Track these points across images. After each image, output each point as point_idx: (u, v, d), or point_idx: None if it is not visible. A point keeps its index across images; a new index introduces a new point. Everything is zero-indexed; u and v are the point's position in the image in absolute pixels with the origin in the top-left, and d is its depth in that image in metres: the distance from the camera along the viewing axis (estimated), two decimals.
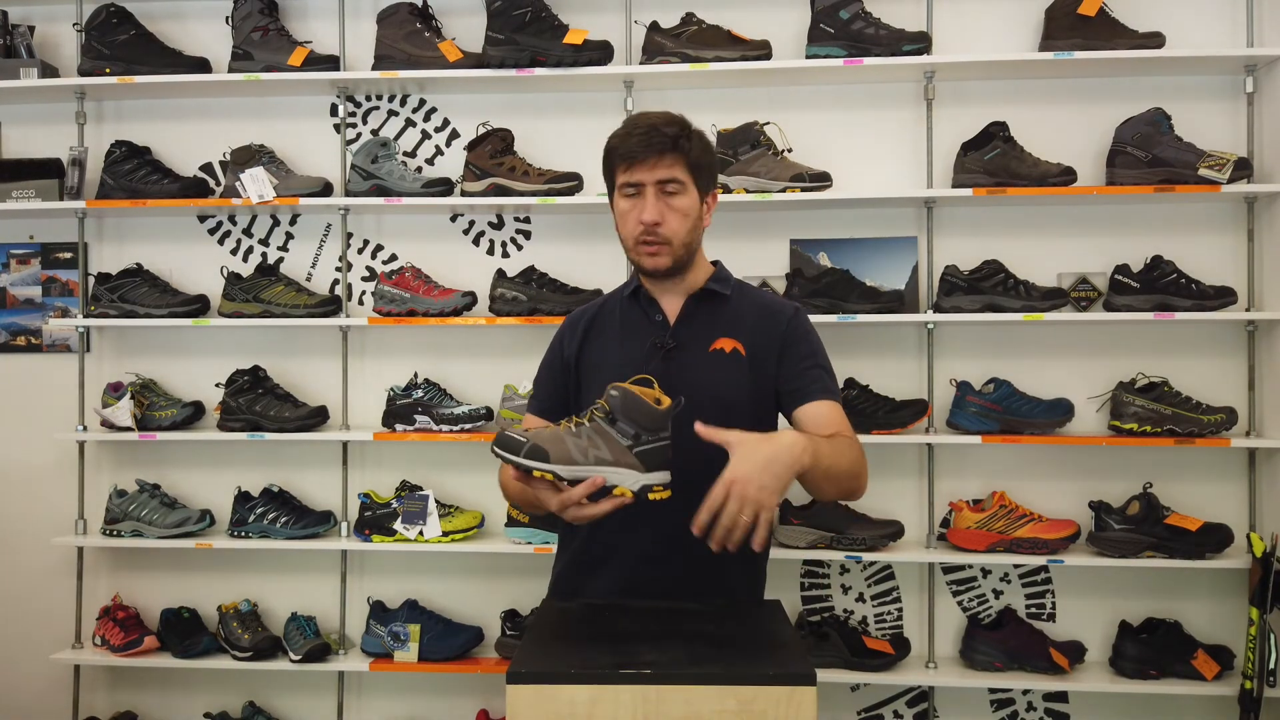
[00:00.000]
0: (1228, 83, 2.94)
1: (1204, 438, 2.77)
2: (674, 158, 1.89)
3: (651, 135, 1.88)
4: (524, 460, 1.67)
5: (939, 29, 2.97)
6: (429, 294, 2.97)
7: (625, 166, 1.90)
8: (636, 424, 1.67)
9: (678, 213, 1.91)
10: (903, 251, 3.01)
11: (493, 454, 1.70)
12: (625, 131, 1.92)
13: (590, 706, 1.41)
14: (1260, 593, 2.66)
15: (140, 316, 3.05)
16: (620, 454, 1.67)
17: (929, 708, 2.99)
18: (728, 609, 1.83)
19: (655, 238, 1.90)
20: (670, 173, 1.89)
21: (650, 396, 1.69)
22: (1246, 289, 2.89)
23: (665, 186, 1.89)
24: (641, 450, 1.67)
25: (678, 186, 1.90)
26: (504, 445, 1.69)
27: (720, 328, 1.98)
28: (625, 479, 1.66)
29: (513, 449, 1.67)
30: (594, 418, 1.69)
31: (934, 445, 2.96)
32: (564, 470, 1.66)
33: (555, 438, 1.68)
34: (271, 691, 3.15)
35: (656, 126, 1.89)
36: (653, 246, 1.91)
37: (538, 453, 1.66)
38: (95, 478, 3.19)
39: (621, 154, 1.90)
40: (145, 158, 3.11)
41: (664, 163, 1.88)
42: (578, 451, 1.67)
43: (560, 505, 1.69)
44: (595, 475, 1.66)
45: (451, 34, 3.09)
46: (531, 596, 2.96)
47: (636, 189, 1.90)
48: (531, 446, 1.67)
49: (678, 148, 1.89)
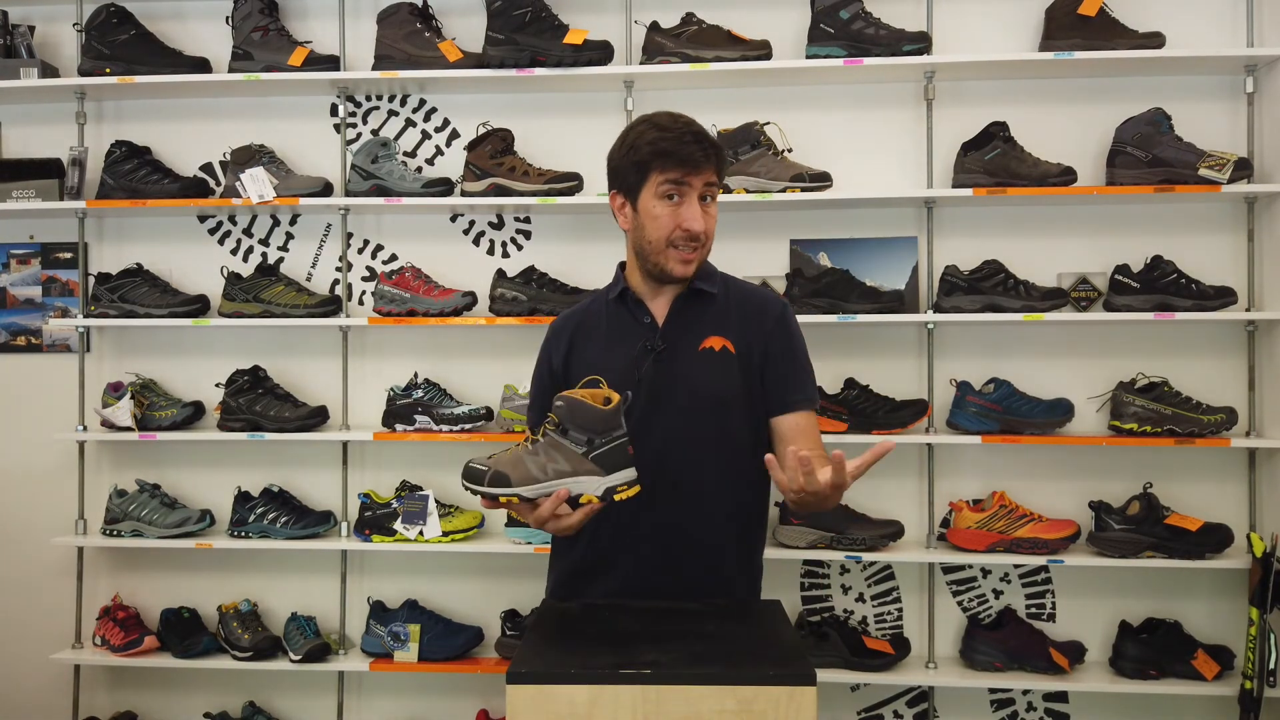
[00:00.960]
0: (1228, 83, 2.94)
1: (1204, 438, 2.77)
2: (717, 163, 1.91)
3: (701, 140, 1.88)
4: (488, 489, 1.71)
5: (939, 29, 2.97)
6: (429, 294, 2.97)
7: (681, 171, 1.87)
8: (587, 429, 1.68)
9: (714, 220, 1.93)
10: (903, 251, 3.01)
11: (463, 488, 1.75)
12: (675, 135, 1.88)
13: (590, 706, 1.41)
14: (1260, 593, 2.66)
15: (140, 316, 3.05)
16: (578, 463, 1.69)
17: (929, 708, 2.99)
18: (728, 609, 1.83)
19: (696, 243, 1.90)
20: (715, 177, 1.91)
21: (597, 398, 1.70)
22: (1246, 289, 2.89)
23: (709, 191, 1.90)
24: (597, 454, 1.69)
25: (716, 192, 1.92)
26: (469, 477, 1.74)
27: (709, 326, 1.97)
28: (588, 486, 1.69)
29: (476, 479, 1.72)
30: (546, 432, 1.71)
31: (934, 445, 2.96)
32: (528, 491, 1.69)
33: (515, 460, 1.71)
34: (271, 691, 3.15)
35: (703, 132, 1.90)
36: (691, 253, 1.91)
37: (500, 479, 1.70)
38: (95, 478, 3.19)
39: (680, 158, 1.86)
40: (145, 158, 3.11)
41: (711, 168, 1.89)
42: (537, 469, 1.69)
43: (536, 522, 1.73)
44: (558, 489, 1.68)
45: (451, 34, 3.09)
46: (531, 596, 2.96)
47: (680, 192, 1.88)
48: (494, 474, 1.70)
49: (719, 154, 1.91)
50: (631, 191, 1.93)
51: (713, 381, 1.92)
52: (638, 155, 1.90)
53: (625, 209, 1.96)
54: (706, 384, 1.91)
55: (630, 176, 1.92)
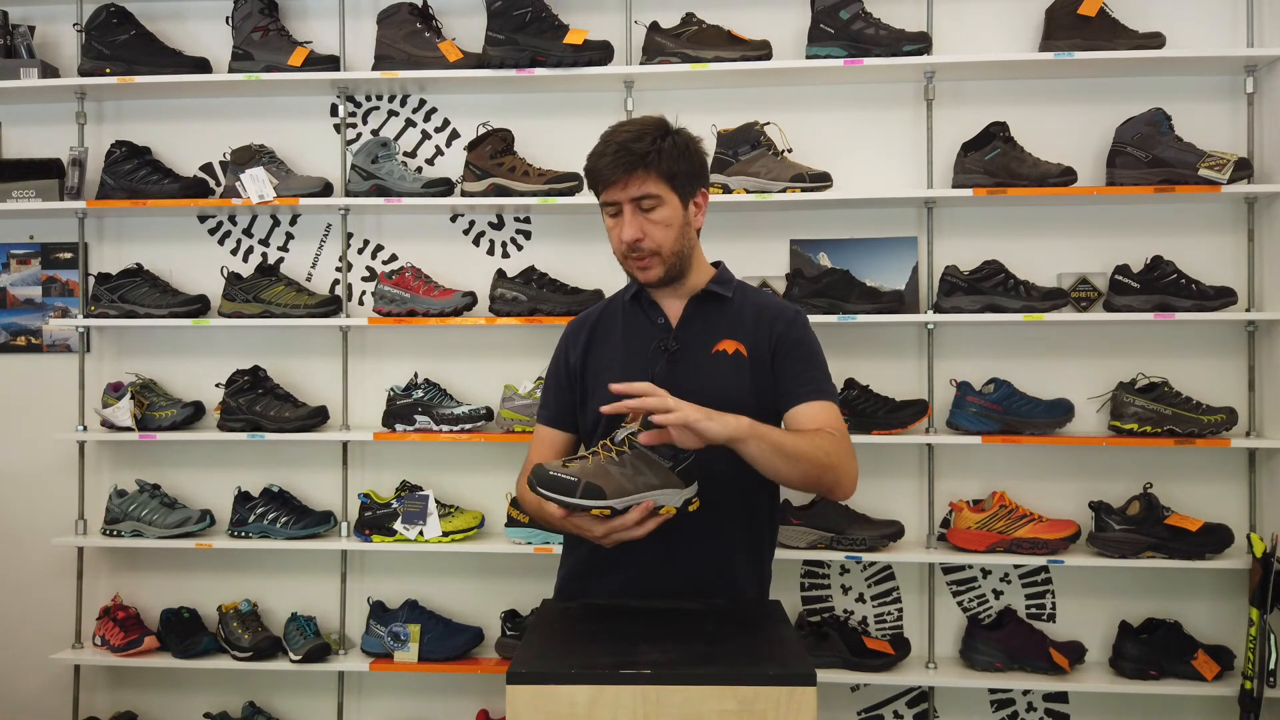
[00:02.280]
0: (1228, 83, 2.94)
1: (1204, 438, 2.77)
2: (644, 173, 1.89)
3: (620, 155, 1.88)
4: (580, 501, 1.67)
5: (939, 29, 2.97)
6: (429, 294, 2.97)
7: (603, 188, 1.92)
8: (673, 445, 1.70)
9: (658, 225, 1.92)
10: (903, 251, 3.01)
11: (542, 497, 1.70)
12: (599, 151, 1.92)
13: (590, 706, 1.41)
14: (1260, 593, 2.66)
15: (140, 316, 3.05)
16: (665, 477, 1.71)
17: (929, 708, 2.99)
18: (728, 609, 1.83)
19: (640, 253, 1.92)
20: (643, 189, 1.89)
21: None
22: (1246, 289, 2.89)
23: (641, 203, 1.90)
24: (683, 469, 1.72)
25: (654, 201, 1.90)
26: (554, 487, 1.68)
27: (722, 329, 1.98)
28: (670, 499, 1.71)
29: (566, 490, 1.67)
30: (634, 445, 1.71)
31: (934, 445, 2.96)
32: (619, 503, 1.68)
33: (600, 471, 1.69)
34: (271, 691, 3.15)
35: (626, 145, 1.89)
36: (641, 260, 1.93)
37: (594, 491, 1.67)
38: (95, 478, 3.19)
39: (594, 176, 1.93)
40: (145, 158, 3.11)
41: (635, 180, 1.89)
42: (626, 481, 1.69)
43: (607, 532, 1.70)
44: (646, 500, 1.69)
45: (451, 34, 3.09)
46: (531, 596, 2.96)
47: (616, 208, 1.92)
48: (586, 485, 1.67)
49: (646, 163, 1.88)
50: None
51: (725, 384, 1.93)
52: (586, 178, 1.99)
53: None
54: (719, 386, 1.92)
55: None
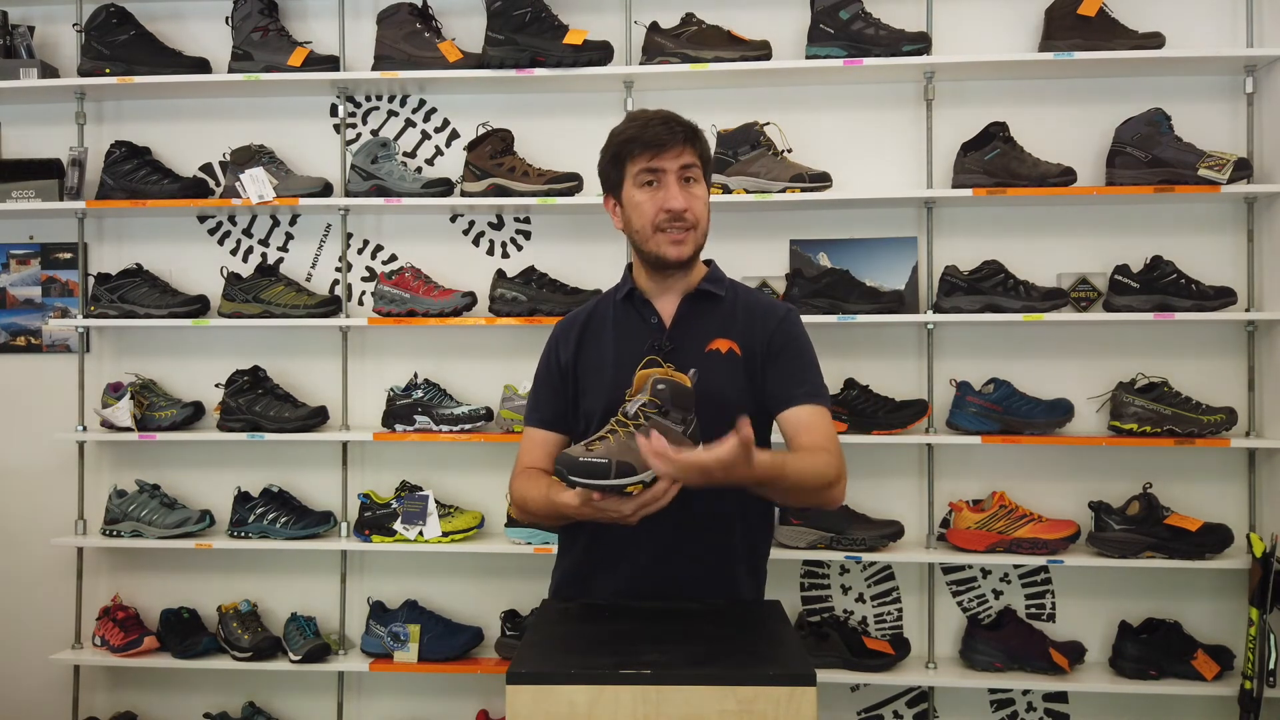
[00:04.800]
0: (1228, 83, 2.94)
1: (1204, 438, 2.77)
2: (693, 148, 1.93)
3: (672, 123, 1.91)
4: (616, 481, 1.61)
5: (939, 29, 2.97)
6: (429, 294, 2.97)
7: (649, 154, 1.90)
8: (682, 409, 1.67)
9: (699, 200, 1.94)
10: (903, 251, 3.01)
11: (571, 485, 1.64)
12: (642, 122, 1.92)
13: (590, 707, 1.41)
14: (1260, 593, 2.66)
15: (140, 317, 3.05)
16: (680, 441, 1.64)
17: (929, 708, 2.99)
18: (728, 609, 1.83)
19: (683, 223, 1.91)
20: (692, 159, 1.92)
21: (680, 377, 1.70)
22: (1246, 289, 2.89)
23: (687, 172, 1.92)
24: (692, 431, 1.69)
25: (697, 173, 1.93)
26: (588, 473, 1.61)
27: (716, 328, 1.98)
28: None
29: (601, 474, 1.60)
30: (647, 415, 1.66)
31: (934, 445, 2.96)
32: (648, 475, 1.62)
33: (623, 448, 1.63)
34: (271, 692, 3.15)
35: (674, 117, 1.93)
36: (680, 234, 1.91)
37: (626, 469, 1.61)
38: (95, 478, 3.19)
39: (645, 141, 1.90)
40: (145, 158, 3.11)
41: (686, 151, 1.91)
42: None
43: (638, 508, 1.65)
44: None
45: (451, 34, 3.09)
46: (531, 596, 2.96)
47: (657, 177, 1.91)
48: (618, 464, 1.61)
49: (696, 138, 1.93)
50: (615, 188, 1.98)
51: (719, 383, 1.92)
52: (613, 149, 1.96)
53: (615, 208, 2.00)
54: (713, 385, 1.91)
55: (612, 174, 1.97)
